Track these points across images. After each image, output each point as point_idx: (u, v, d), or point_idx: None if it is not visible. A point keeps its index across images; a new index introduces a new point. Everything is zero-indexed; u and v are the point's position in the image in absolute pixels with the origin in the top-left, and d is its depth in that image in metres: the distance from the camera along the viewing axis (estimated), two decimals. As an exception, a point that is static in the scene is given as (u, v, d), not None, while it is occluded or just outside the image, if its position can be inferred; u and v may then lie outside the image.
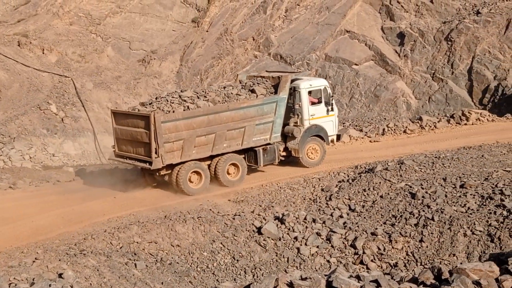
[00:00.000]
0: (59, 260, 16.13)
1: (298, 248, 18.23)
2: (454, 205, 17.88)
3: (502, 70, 48.83)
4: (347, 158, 27.13)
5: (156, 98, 25.20)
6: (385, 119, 38.96)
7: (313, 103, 26.43)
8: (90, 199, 22.80)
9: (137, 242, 18.16)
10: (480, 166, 21.70)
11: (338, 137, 28.03)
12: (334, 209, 20.23)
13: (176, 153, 23.06)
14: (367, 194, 20.71)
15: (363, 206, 20.08)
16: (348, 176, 23.65)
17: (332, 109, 26.89)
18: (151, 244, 18.29)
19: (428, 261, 16.35)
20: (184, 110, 23.29)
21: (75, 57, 43.20)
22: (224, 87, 25.86)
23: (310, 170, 25.51)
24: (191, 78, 49.51)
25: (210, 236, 18.90)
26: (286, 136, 26.06)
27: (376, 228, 18.01)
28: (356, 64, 48.10)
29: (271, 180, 24.50)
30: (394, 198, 19.66)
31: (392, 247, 17.17)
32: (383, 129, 33.38)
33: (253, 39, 52.10)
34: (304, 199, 22.16)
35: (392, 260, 16.94)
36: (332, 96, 27.45)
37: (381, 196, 20.22)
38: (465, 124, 34.46)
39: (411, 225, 17.63)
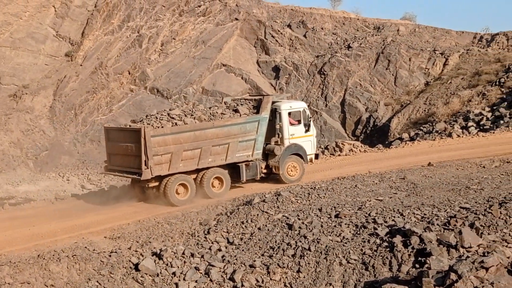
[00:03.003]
0: None
1: (176, 284, 17.94)
2: (330, 235, 18.12)
3: (373, 102, 50.60)
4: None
5: (146, 116, 26.96)
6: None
7: (292, 124, 28.11)
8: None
9: (9, 283, 17.36)
10: (354, 196, 22.19)
11: (317, 156, 29.75)
12: (212, 243, 20.08)
13: (164, 165, 24.90)
14: (245, 226, 20.71)
15: (242, 239, 20.04)
16: (226, 209, 23.62)
17: (310, 129, 28.69)
18: (23, 285, 17.53)
19: (306, 291, 16.45)
20: (172, 126, 25.26)
21: None
22: (210, 107, 28.14)
23: (188, 204, 25.36)
24: (65, 113, 48.45)
25: (85, 275, 18.34)
26: (267, 154, 27.82)
27: (255, 260, 17.98)
28: (233, 97, 48.45)
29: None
30: (271, 229, 19.74)
31: (270, 279, 17.17)
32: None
33: (129, 73, 51.67)
34: (182, 233, 21.91)
35: (270, 292, 16.94)
36: (311, 118, 29.34)
37: (259, 228, 20.27)
38: (339, 155, 35.28)
39: (289, 256, 17.72)
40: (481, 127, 41.45)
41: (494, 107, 44.12)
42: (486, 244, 15.04)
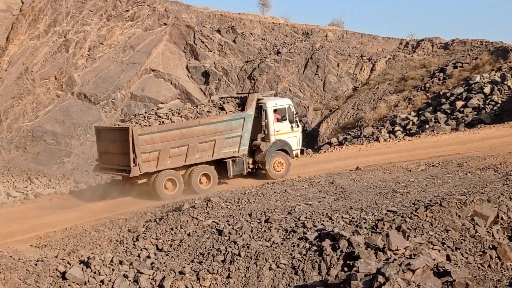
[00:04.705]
0: None
1: (104, 292, 17.69)
2: (260, 240, 18.14)
3: (303, 107, 51.03)
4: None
5: (134, 116, 28.08)
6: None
7: (278, 120, 28.97)
8: None
9: None
10: (284, 201, 22.28)
11: (302, 151, 30.87)
12: (141, 250, 19.86)
13: (152, 162, 25.74)
14: (175, 232, 20.55)
15: (171, 245, 19.88)
16: (155, 215, 23.38)
17: (297, 125, 29.82)
18: None
19: (236, 297, 16.41)
20: (159, 124, 26.10)
21: None
22: (197, 106, 29.25)
23: (116, 211, 25.02)
24: (-11, 119, 47.28)
25: (11, 284, 17.87)
26: (254, 151, 28.65)
27: (184, 267, 17.86)
28: (162, 103, 48.33)
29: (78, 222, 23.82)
30: (201, 235, 19.66)
31: (200, 285, 17.08)
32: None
33: (55, 78, 50.81)
34: (111, 241, 21.60)
35: (200, 299, 16.85)
36: (296, 114, 30.30)
37: (189, 234, 20.14)
38: (269, 160, 35.26)
39: (219, 262, 17.67)
40: (408, 131, 42.30)
41: (420, 112, 45.05)
42: (412, 247, 15.31)
